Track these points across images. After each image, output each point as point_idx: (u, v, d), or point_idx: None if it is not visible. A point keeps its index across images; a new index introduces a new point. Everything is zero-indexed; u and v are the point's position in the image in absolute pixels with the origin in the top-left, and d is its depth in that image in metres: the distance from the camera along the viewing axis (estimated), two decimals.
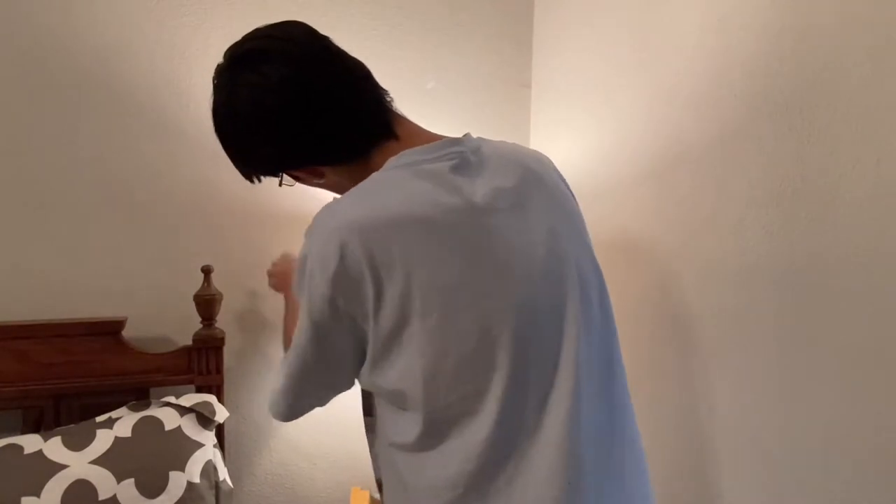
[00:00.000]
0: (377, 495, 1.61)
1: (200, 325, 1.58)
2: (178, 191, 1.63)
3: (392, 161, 0.82)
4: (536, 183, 0.85)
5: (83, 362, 1.48)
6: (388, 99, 0.88)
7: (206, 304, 1.56)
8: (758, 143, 1.04)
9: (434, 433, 0.77)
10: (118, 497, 1.29)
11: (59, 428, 1.41)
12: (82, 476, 1.28)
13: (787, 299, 1.00)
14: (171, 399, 1.47)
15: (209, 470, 1.42)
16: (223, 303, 1.60)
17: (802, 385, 0.98)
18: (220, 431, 1.56)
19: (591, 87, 1.55)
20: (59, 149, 1.54)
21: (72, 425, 1.41)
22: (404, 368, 0.76)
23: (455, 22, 1.73)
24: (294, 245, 1.69)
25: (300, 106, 0.81)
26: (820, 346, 0.95)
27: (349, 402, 1.80)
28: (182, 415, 1.44)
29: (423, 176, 0.79)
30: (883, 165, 0.84)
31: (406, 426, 0.79)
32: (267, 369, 1.74)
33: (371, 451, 0.95)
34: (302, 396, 0.89)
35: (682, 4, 1.22)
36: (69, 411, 1.49)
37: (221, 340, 1.59)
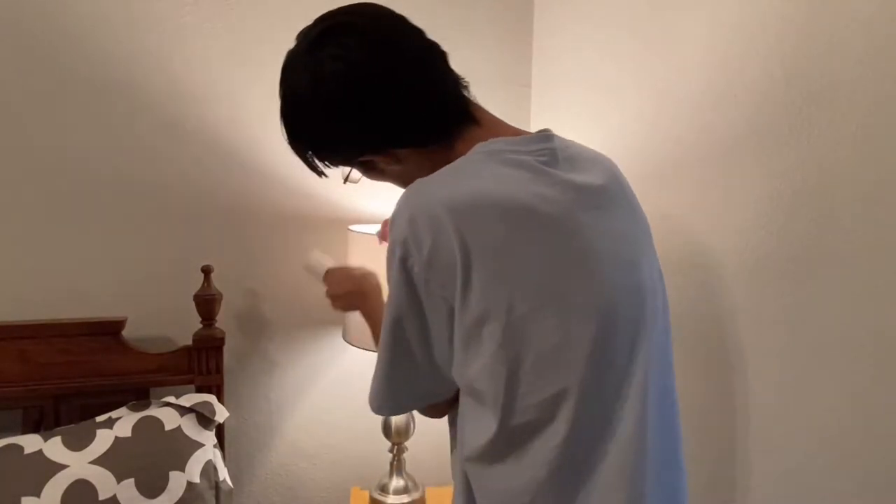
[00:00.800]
0: (377, 495, 1.61)
1: (200, 325, 1.58)
2: (179, 191, 1.62)
3: (481, 146, 0.79)
4: (619, 186, 0.85)
5: (83, 362, 1.48)
6: (464, 83, 0.86)
7: (206, 304, 1.56)
8: (758, 143, 1.04)
9: (510, 438, 0.74)
10: (118, 497, 1.29)
11: (59, 428, 1.41)
12: (82, 476, 1.29)
13: (789, 299, 1.00)
14: (171, 399, 1.47)
15: (209, 470, 1.42)
16: (223, 303, 1.60)
17: (807, 383, 0.98)
18: (220, 431, 1.56)
19: (591, 87, 1.55)
20: (59, 149, 1.54)
21: (72, 425, 1.41)
22: (484, 364, 0.73)
23: (455, 22, 1.73)
24: (293, 245, 1.70)
25: (388, 79, 0.78)
26: (824, 344, 0.95)
27: (349, 402, 1.80)
28: (182, 415, 1.44)
29: (516, 165, 0.76)
30: (883, 165, 0.84)
31: (481, 429, 0.76)
32: (267, 369, 1.75)
33: (452, 470, 0.91)
34: (399, 389, 0.84)
35: (683, 5, 1.22)
36: (69, 411, 1.49)
37: (221, 340, 1.59)
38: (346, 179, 0.94)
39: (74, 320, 1.52)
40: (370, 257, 1.52)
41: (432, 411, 0.92)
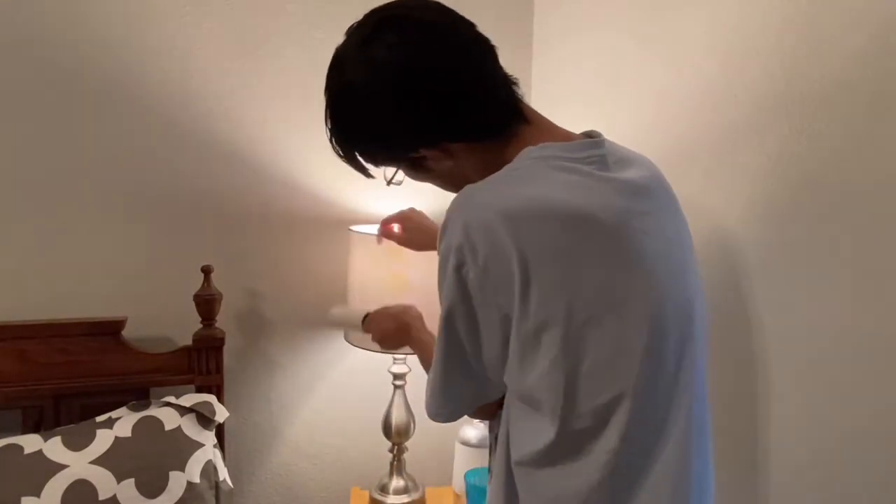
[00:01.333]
0: (377, 495, 1.61)
1: (200, 325, 1.58)
2: (179, 191, 1.62)
3: (531, 151, 0.78)
4: (665, 190, 0.85)
5: (83, 362, 1.48)
6: (514, 79, 0.85)
7: (206, 304, 1.56)
8: (759, 143, 1.04)
9: (566, 443, 0.74)
10: (118, 497, 1.29)
11: (59, 428, 1.41)
12: (82, 476, 1.29)
13: (791, 299, 1.00)
14: (171, 399, 1.47)
15: (209, 470, 1.42)
16: (223, 303, 1.60)
17: (798, 382, 0.98)
18: (220, 431, 1.56)
19: (590, 87, 1.55)
20: (59, 150, 1.54)
21: (72, 425, 1.41)
22: (543, 371, 0.73)
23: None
24: (294, 245, 1.70)
25: (446, 69, 0.77)
26: (822, 345, 0.95)
27: (349, 402, 1.80)
28: (182, 415, 1.44)
29: (569, 171, 0.76)
30: (883, 164, 0.84)
31: (536, 435, 0.75)
32: (267, 369, 1.75)
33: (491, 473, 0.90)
34: (454, 395, 0.85)
35: (683, 6, 1.22)
36: (69, 411, 1.49)
37: (221, 340, 1.59)
38: (389, 181, 0.93)
39: (74, 320, 1.52)
40: (371, 258, 1.52)
41: (481, 413, 0.92)
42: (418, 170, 0.88)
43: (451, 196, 0.79)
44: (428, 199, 1.53)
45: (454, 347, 0.79)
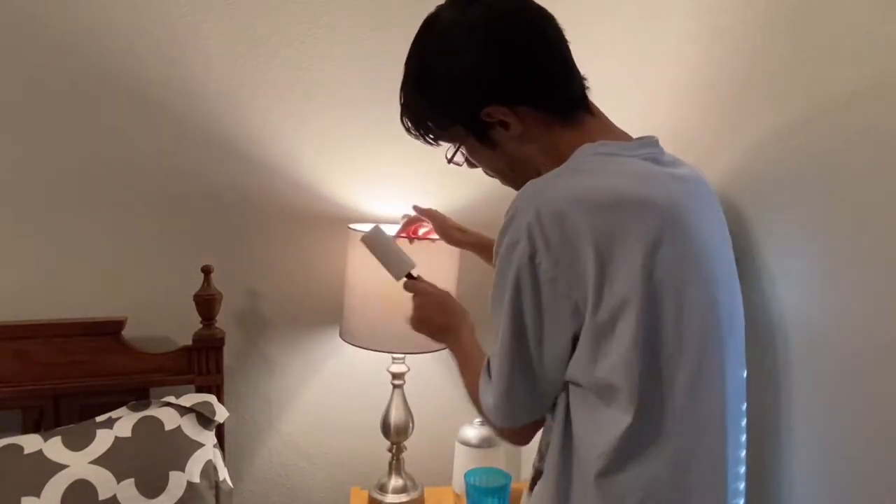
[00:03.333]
0: (376, 495, 1.61)
1: (200, 325, 1.58)
2: (179, 191, 1.63)
3: (591, 147, 0.81)
4: (712, 194, 0.90)
5: (83, 362, 1.49)
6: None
7: (206, 304, 1.56)
8: (759, 142, 1.04)
9: (646, 424, 0.74)
10: (118, 497, 1.29)
11: (59, 428, 1.41)
12: (82, 476, 1.29)
13: (791, 300, 1.00)
14: (171, 399, 1.47)
15: (209, 470, 1.42)
16: (223, 303, 1.60)
17: (787, 386, 0.98)
18: (220, 431, 1.56)
19: (589, 87, 1.55)
20: (58, 150, 1.54)
21: (72, 425, 1.41)
22: (618, 360, 0.73)
23: None
24: (294, 244, 1.70)
25: (536, 30, 0.84)
26: (820, 345, 0.95)
27: (349, 401, 1.81)
28: (182, 415, 1.45)
29: (633, 164, 0.80)
30: (883, 165, 0.84)
31: (610, 423, 0.75)
32: (267, 369, 1.75)
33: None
34: (521, 397, 0.83)
35: (681, 6, 1.22)
36: (69, 411, 1.49)
37: (221, 340, 1.59)
38: (450, 160, 0.95)
39: (74, 320, 1.52)
40: (370, 256, 1.52)
41: (529, 431, 0.90)
42: (484, 142, 0.88)
43: (459, 196, 0.81)
44: (428, 201, 1.53)
45: (521, 344, 0.79)
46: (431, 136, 0.92)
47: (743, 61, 1.09)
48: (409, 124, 0.92)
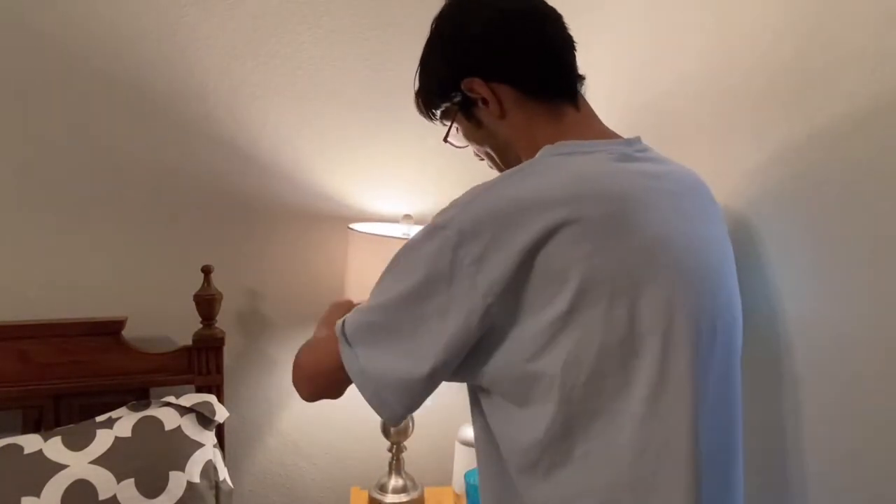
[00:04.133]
0: (376, 494, 1.61)
1: (200, 325, 1.58)
2: (179, 191, 1.63)
3: (550, 150, 0.80)
4: (704, 196, 0.87)
5: (83, 362, 1.49)
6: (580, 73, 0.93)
7: (206, 304, 1.56)
8: (759, 144, 1.04)
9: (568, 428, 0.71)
10: (118, 497, 1.29)
11: (59, 428, 1.41)
12: (82, 476, 1.29)
13: (793, 299, 1.00)
14: (171, 399, 1.47)
15: (209, 470, 1.42)
16: (223, 303, 1.60)
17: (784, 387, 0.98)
18: (220, 431, 1.56)
19: (590, 87, 1.55)
20: (58, 150, 1.54)
21: (72, 425, 1.41)
22: (560, 355, 0.69)
23: None
24: (294, 244, 1.70)
25: (526, 16, 0.86)
26: (820, 346, 0.95)
27: (348, 401, 1.80)
28: (182, 415, 1.45)
29: (588, 158, 0.79)
30: (882, 164, 0.84)
31: (532, 424, 0.73)
32: (267, 369, 1.75)
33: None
34: (381, 373, 0.84)
35: (685, 5, 1.22)
36: (69, 411, 1.49)
37: (221, 340, 1.59)
38: (445, 138, 0.96)
39: (74, 320, 1.52)
40: (370, 256, 1.52)
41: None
42: (470, 119, 0.90)
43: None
44: (427, 202, 1.54)
45: (409, 326, 0.76)
46: (433, 111, 0.94)
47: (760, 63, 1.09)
48: (419, 101, 0.95)
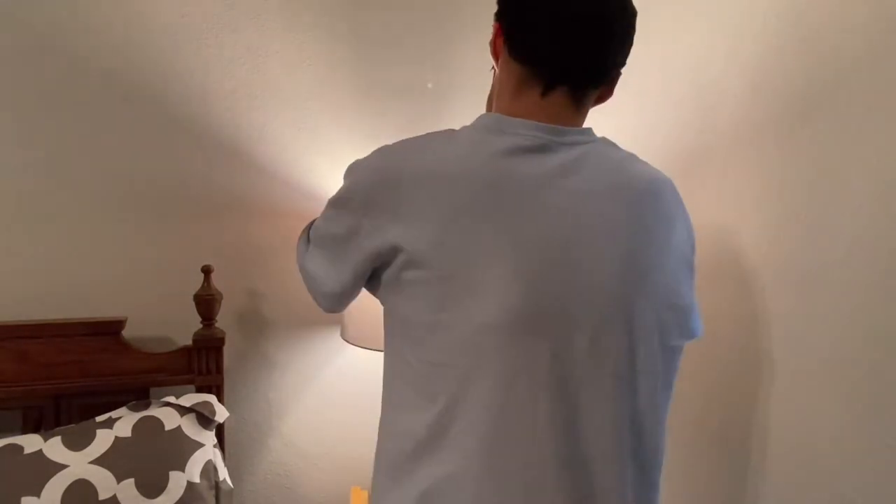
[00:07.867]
0: None
1: (200, 325, 1.58)
2: (179, 191, 1.63)
3: (479, 119, 0.85)
4: (657, 202, 0.83)
5: (83, 362, 1.48)
6: (615, 74, 0.87)
7: (206, 304, 1.56)
8: (759, 144, 1.04)
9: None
10: (118, 497, 1.29)
11: (59, 428, 1.41)
12: (82, 476, 1.29)
13: (792, 299, 1.00)
14: (171, 399, 1.47)
15: (209, 470, 1.42)
16: (223, 303, 1.60)
17: (787, 389, 0.98)
18: (220, 431, 1.56)
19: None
20: (58, 151, 1.54)
21: (72, 425, 1.41)
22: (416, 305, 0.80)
23: (455, 21, 1.73)
24: (294, 244, 1.70)
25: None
26: (820, 347, 0.95)
27: (349, 401, 1.81)
28: (182, 415, 1.44)
29: (479, 142, 0.81)
30: (883, 164, 0.84)
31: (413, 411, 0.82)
32: (267, 369, 1.75)
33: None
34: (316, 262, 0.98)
35: (687, 9, 1.22)
36: (69, 411, 1.49)
37: (221, 340, 1.59)
38: (493, 67, 0.97)
39: (74, 320, 1.52)
40: None
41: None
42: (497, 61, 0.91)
43: None
44: None
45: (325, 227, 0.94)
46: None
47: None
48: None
